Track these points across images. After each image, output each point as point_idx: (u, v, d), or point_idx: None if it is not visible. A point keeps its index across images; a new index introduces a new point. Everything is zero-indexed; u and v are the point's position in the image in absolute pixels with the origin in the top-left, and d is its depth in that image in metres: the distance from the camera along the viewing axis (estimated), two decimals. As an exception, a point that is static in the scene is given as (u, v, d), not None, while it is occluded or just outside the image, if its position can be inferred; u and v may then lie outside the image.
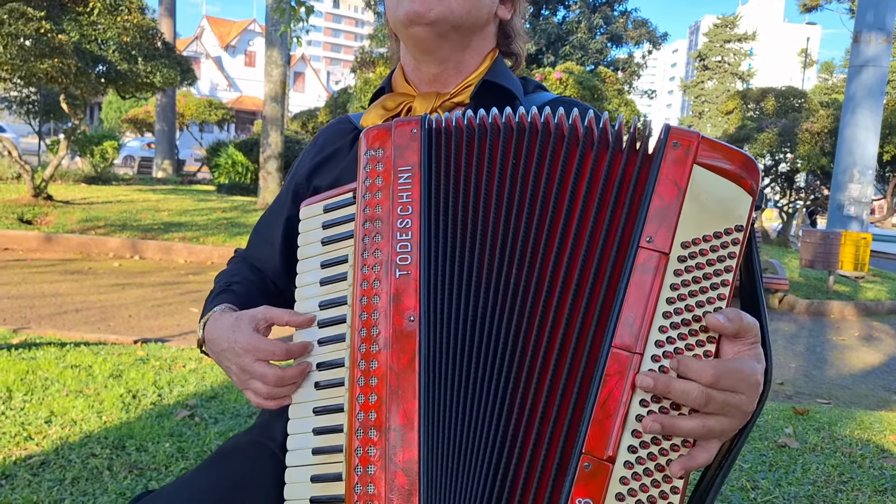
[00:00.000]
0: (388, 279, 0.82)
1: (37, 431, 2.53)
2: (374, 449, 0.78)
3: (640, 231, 0.75)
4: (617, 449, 0.72)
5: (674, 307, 0.74)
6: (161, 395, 3.03)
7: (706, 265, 0.74)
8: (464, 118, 0.85)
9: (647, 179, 0.77)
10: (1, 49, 7.70)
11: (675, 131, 0.78)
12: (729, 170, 0.76)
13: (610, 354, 0.73)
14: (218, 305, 1.01)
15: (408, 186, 0.84)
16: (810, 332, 7.42)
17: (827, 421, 3.51)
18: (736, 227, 0.75)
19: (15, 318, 5.07)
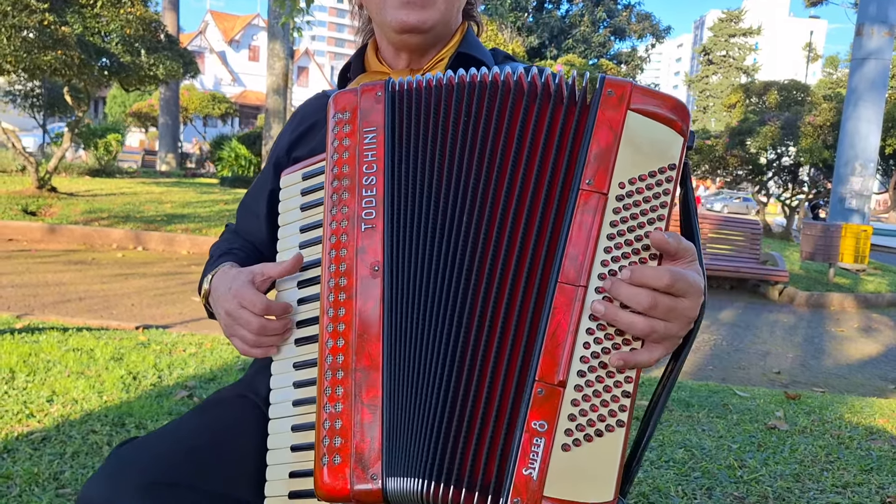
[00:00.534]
0: (354, 233, 0.87)
1: (38, 409, 2.58)
2: (341, 388, 0.84)
3: (581, 174, 0.81)
4: (567, 374, 0.77)
5: (614, 242, 0.79)
6: (161, 377, 3.09)
7: (643, 202, 0.80)
8: (423, 80, 0.90)
9: (585, 126, 0.82)
10: (4, 41, 7.75)
11: (610, 81, 0.83)
12: (661, 114, 0.81)
13: (557, 288, 0.79)
14: (223, 264, 1.07)
15: (373, 146, 0.89)
16: (809, 323, 7.45)
17: (818, 405, 3.56)
18: (669, 165, 0.80)
19: (19, 306, 5.13)
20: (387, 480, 0.80)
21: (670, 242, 0.78)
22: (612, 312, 0.77)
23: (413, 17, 1.04)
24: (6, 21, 7.70)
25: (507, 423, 0.78)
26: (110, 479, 0.92)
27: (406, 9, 1.04)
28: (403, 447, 0.81)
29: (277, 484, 0.91)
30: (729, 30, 55.00)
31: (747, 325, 6.96)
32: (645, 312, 0.77)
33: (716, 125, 45.39)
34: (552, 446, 0.77)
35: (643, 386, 3.57)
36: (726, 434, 3.01)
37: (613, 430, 0.77)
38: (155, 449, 0.95)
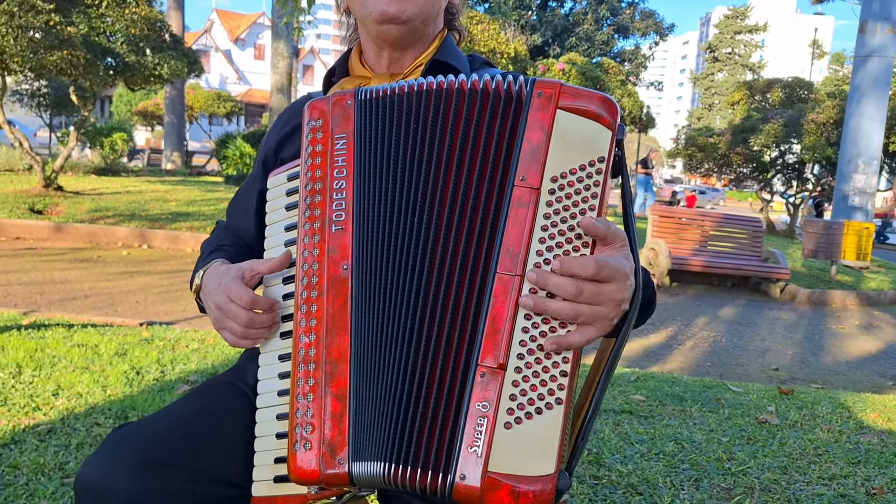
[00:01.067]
0: (325, 234, 0.94)
1: (44, 403, 2.66)
2: (312, 380, 0.90)
3: (515, 172, 0.86)
4: (507, 358, 0.83)
5: (548, 233, 0.85)
6: (164, 372, 3.16)
7: (574, 194, 0.86)
8: (388, 89, 0.96)
9: (518, 127, 0.88)
10: (11, 41, 7.84)
11: (539, 83, 0.89)
12: (588, 110, 0.87)
13: (496, 279, 0.85)
14: (214, 260, 1.13)
15: (343, 152, 0.96)
16: (810, 320, 7.46)
17: (810, 400, 3.60)
18: (598, 158, 0.86)
19: (26, 303, 5.22)
20: (353, 465, 0.87)
21: (599, 227, 0.84)
22: (541, 303, 0.82)
23: (393, 7, 1.10)
24: (12, 21, 7.79)
25: (455, 406, 0.84)
26: (106, 459, 0.98)
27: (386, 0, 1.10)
28: (368, 434, 0.87)
29: (264, 469, 0.97)
30: (735, 27, 54.84)
31: (748, 323, 6.99)
32: (572, 300, 0.82)
33: (721, 122, 45.28)
34: (495, 425, 0.82)
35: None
36: (717, 428, 3.06)
37: (552, 407, 0.82)
38: (149, 431, 1.02)
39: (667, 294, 8.34)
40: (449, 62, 1.18)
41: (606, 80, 11.69)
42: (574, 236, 0.85)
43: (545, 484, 0.81)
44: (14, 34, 7.76)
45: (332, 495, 0.93)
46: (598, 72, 11.62)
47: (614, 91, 11.85)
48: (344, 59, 1.26)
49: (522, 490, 0.81)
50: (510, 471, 0.81)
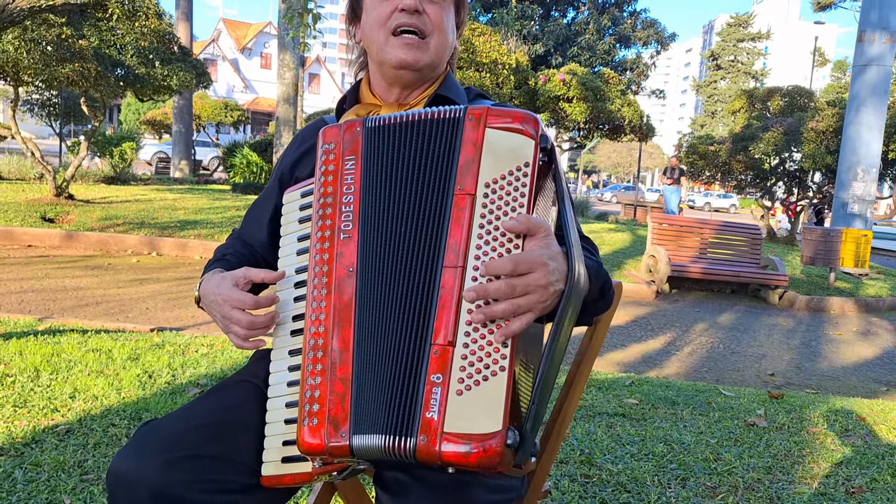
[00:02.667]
0: (334, 241, 1.09)
1: (62, 405, 2.80)
2: (320, 365, 1.05)
3: (454, 181, 1.03)
4: (455, 336, 0.98)
5: (484, 230, 1.00)
6: (175, 376, 3.30)
7: (504, 195, 1.01)
8: (389, 118, 1.12)
9: (455, 146, 1.05)
10: (24, 54, 8.02)
11: (471, 109, 1.06)
12: (512, 126, 1.03)
13: (443, 271, 1.01)
14: (212, 271, 1.27)
15: (352, 171, 1.12)
16: (808, 327, 7.54)
17: (799, 404, 3.71)
18: (524, 163, 1.01)
19: (39, 310, 5.36)
20: (353, 438, 1.01)
21: (517, 225, 0.98)
22: (488, 311, 0.97)
23: (410, 55, 1.28)
24: (25, 35, 7.98)
25: (415, 379, 1.00)
26: (136, 453, 1.10)
27: (405, 49, 1.28)
28: (365, 410, 1.02)
29: (273, 451, 1.11)
30: (738, 34, 54.96)
31: (745, 329, 7.07)
32: (509, 298, 0.97)
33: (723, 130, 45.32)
34: (448, 393, 0.97)
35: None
36: (706, 430, 3.18)
37: (497, 374, 0.97)
38: (175, 425, 1.14)
39: (666, 301, 8.45)
40: (449, 96, 1.35)
41: (607, 89, 11.82)
42: (501, 235, 1.00)
43: (494, 439, 0.95)
44: (27, 47, 7.95)
45: (334, 470, 1.06)
46: (598, 82, 11.76)
47: (614, 100, 11.98)
48: (355, 89, 1.43)
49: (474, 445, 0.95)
50: (463, 430, 0.96)
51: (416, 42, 1.29)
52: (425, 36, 1.30)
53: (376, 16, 1.31)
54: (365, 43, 1.36)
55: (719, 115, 51.43)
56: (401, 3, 1.28)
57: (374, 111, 1.35)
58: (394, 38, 1.29)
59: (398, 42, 1.29)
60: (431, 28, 1.30)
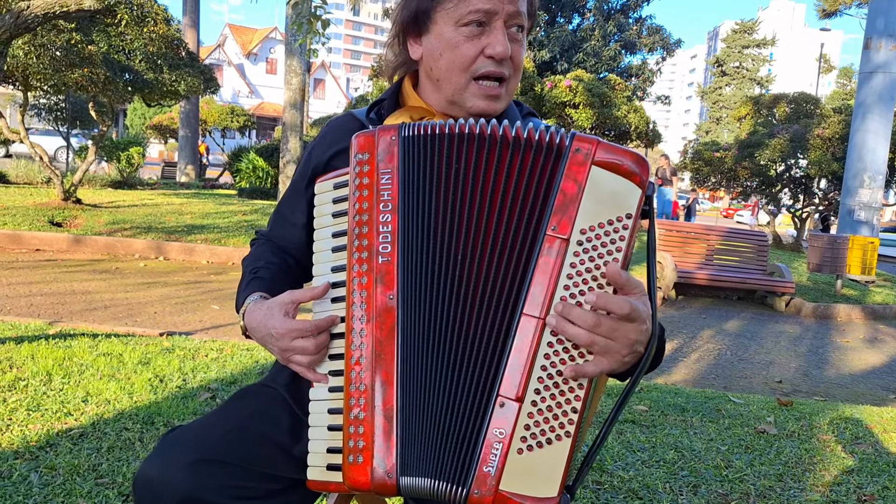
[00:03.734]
0: (373, 265, 1.02)
1: (75, 409, 2.81)
2: (363, 399, 1.01)
3: (547, 222, 0.95)
4: (525, 391, 0.94)
5: (572, 280, 0.94)
6: (185, 380, 3.31)
7: (599, 247, 0.93)
8: (433, 126, 1.04)
9: (554, 178, 0.96)
10: (34, 59, 8.07)
11: (579, 137, 0.97)
12: (622, 167, 0.94)
13: (521, 318, 0.94)
14: (251, 295, 1.21)
15: (388, 186, 1.04)
16: (815, 334, 7.51)
17: (809, 411, 3.71)
18: (626, 215, 0.93)
19: (48, 314, 5.38)
20: (400, 478, 0.98)
21: (622, 276, 0.92)
22: (562, 324, 0.93)
23: (492, 106, 1.21)
24: (35, 41, 8.03)
25: (476, 430, 0.96)
26: (163, 459, 1.10)
27: (487, 101, 1.20)
28: (412, 450, 0.99)
29: (318, 456, 1.07)
30: (743, 41, 54.98)
31: (752, 336, 7.06)
32: (589, 329, 0.92)
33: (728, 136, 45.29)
34: (509, 450, 0.93)
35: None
36: (717, 437, 3.18)
37: (561, 439, 0.93)
38: (200, 432, 1.14)
39: (673, 307, 8.44)
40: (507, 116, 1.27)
41: (613, 95, 11.84)
42: (596, 286, 0.94)
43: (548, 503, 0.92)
44: (36, 53, 8.00)
45: None
46: (604, 88, 11.78)
47: (621, 107, 12.00)
48: (395, 91, 1.31)
49: None
50: (518, 490, 0.93)
51: (498, 92, 1.20)
52: (504, 79, 1.21)
53: (459, 56, 1.18)
54: (433, 73, 1.23)
55: (724, 122, 51.44)
56: (491, 49, 1.17)
57: (428, 117, 1.25)
58: (475, 85, 1.19)
59: (480, 91, 1.19)
60: (512, 71, 1.21)
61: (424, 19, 1.21)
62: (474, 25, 1.17)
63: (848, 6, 31.24)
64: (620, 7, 21.27)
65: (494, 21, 1.17)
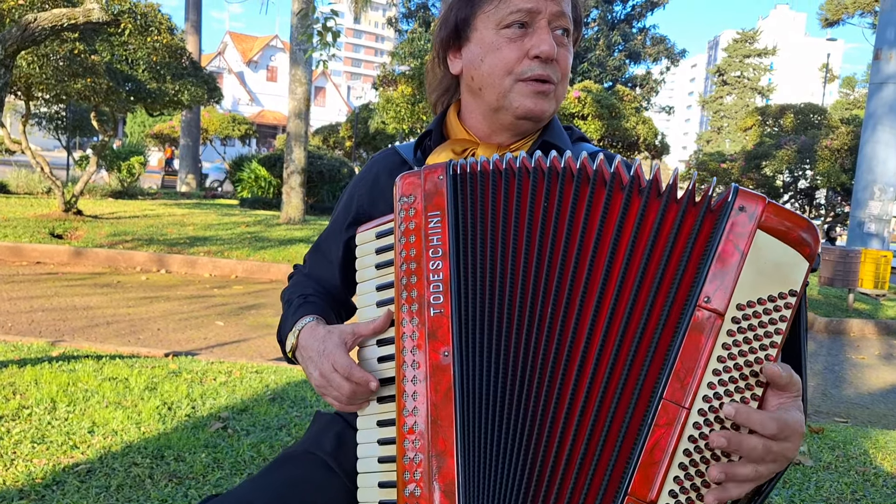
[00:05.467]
0: (423, 318, 0.91)
1: (81, 441, 2.67)
2: (419, 472, 0.88)
3: (699, 290, 0.79)
4: (659, 494, 0.78)
5: (723, 366, 0.78)
6: (195, 408, 3.17)
7: (758, 327, 0.79)
8: (489, 163, 0.93)
9: (710, 240, 0.81)
10: (37, 69, 7.96)
11: (743, 195, 0.82)
12: (792, 235, 0.80)
13: (661, 406, 0.79)
14: (307, 316, 1.10)
15: (437, 230, 0.92)
16: (829, 350, 7.40)
17: (842, 440, 3.57)
18: (790, 291, 0.79)
19: (49, 331, 5.25)
20: None
21: (783, 377, 0.77)
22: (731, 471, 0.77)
23: (539, 106, 1.09)
24: (38, 50, 7.92)
25: None
26: None
27: (535, 98, 1.09)
28: None
29: None
30: (743, 50, 55.07)
31: (767, 352, 6.93)
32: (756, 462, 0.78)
33: (731, 146, 45.27)
34: None
35: None
36: (751, 469, 3.04)
37: None
38: None
39: (684, 322, 8.30)
40: (557, 143, 1.15)
41: (621, 107, 11.75)
42: (750, 373, 0.79)
43: None
44: (39, 62, 7.89)
45: None
46: (613, 99, 11.68)
47: (629, 118, 11.91)
48: (440, 121, 1.22)
49: None
50: None
51: (546, 89, 1.09)
52: (552, 83, 1.10)
53: (502, 59, 1.09)
54: (475, 81, 1.13)
55: (726, 131, 51.47)
56: (536, 49, 1.07)
57: (471, 150, 1.14)
58: (522, 84, 1.09)
59: (527, 89, 1.08)
60: (560, 76, 1.11)
61: (465, 27, 1.13)
62: (516, 27, 1.08)
63: (850, 15, 31.27)
64: (624, 17, 21.23)
65: (538, 21, 1.08)
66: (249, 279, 8.45)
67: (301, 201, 11.84)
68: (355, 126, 19.55)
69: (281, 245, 9.67)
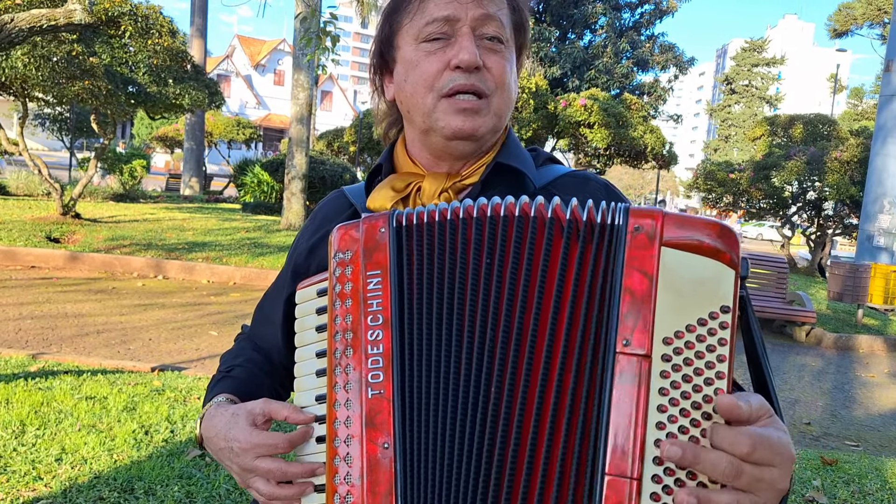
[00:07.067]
0: (360, 400, 0.76)
1: (46, 471, 2.51)
2: None
3: (615, 334, 0.68)
4: None
5: (667, 415, 0.66)
6: (174, 431, 3.01)
7: (695, 359, 0.66)
8: (434, 211, 0.79)
9: (613, 273, 0.69)
10: (34, 70, 7.85)
11: (635, 212, 0.70)
12: (703, 245, 0.68)
13: (606, 484, 0.65)
14: (217, 396, 0.97)
15: (378, 293, 0.78)
16: (838, 367, 7.26)
17: (856, 473, 3.40)
18: (722, 308, 0.67)
19: (37, 340, 5.11)
20: None
21: (742, 407, 0.64)
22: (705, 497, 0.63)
23: (468, 123, 0.95)
24: (35, 51, 7.81)
25: None
26: None
27: (462, 116, 0.95)
28: None
29: None
30: (752, 59, 54.91)
31: (774, 370, 6.77)
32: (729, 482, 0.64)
33: (739, 155, 45.11)
34: None
35: None
36: (760, 506, 2.87)
37: None
38: None
39: (690, 337, 8.16)
40: (514, 165, 1.01)
41: (629, 115, 11.58)
42: (702, 416, 0.66)
43: None
44: (36, 63, 7.77)
45: None
46: (620, 108, 11.53)
47: (637, 127, 11.75)
48: (390, 152, 1.09)
49: None
50: None
51: (475, 105, 0.95)
52: (485, 96, 0.96)
53: (422, 75, 0.96)
54: (403, 105, 1.02)
55: (734, 140, 51.29)
56: (455, 58, 0.94)
57: (415, 183, 1.01)
58: (446, 101, 0.96)
59: (451, 106, 0.95)
60: (493, 86, 0.97)
61: (389, 49, 1.03)
62: (436, 41, 0.96)
63: (859, 26, 31.15)
64: (633, 24, 21.09)
65: (459, 29, 0.95)
66: (247, 286, 8.31)
67: (302, 207, 11.72)
68: (359, 130, 19.45)
69: (280, 251, 9.53)
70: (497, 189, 1.00)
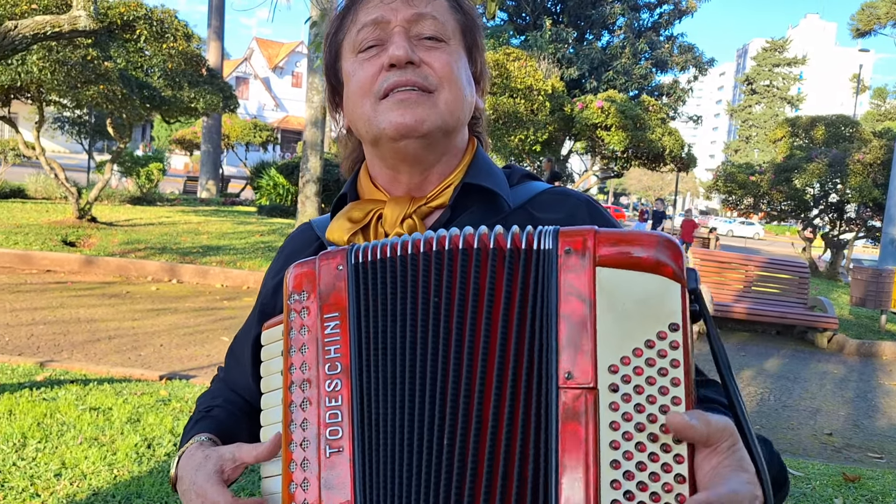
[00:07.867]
0: (317, 459, 0.70)
1: (45, 487, 2.47)
2: None
3: (555, 367, 0.62)
4: None
5: (621, 452, 0.60)
6: (177, 445, 2.96)
7: (646, 385, 0.60)
8: (388, 246, 0.73)
9: (545, 300, 0.64)
10: (49, 75, 7.88)
11: (564, 233, 0.66)
12: (641, 259, 0.63)
13: None
14: (196, 435, 0.91)
15: (335, 338, 0.72)
16: (860, 375, 7.12)
17: (880, 490, 3.28)
18: (670, 326, 0.61)
19: (48, 346, 5.11)
20: None
21: (697, 428, 0.59)
22: None
23: (410, 115, 0.87)
24: (50, 56, 7.84)
25: None
26: None
27: (401, 108, 0.88)
28: None
29: None
30: (773, 59, 54.31)
31: (795, 378, 6.65)
32: None
33: (759, 155, 44.62)
34: None
35: None
36: (779, 527, 2.77)
37: None
38: None
39: (707, 343, 8.03)
40: (485, 185, 0.94)
41: (647, 118, 11.44)
42: (660, 448, 0.60)
43: None
44: (51, 68, 7.80)
45: None
46: (637, 110, 11.38)
47: (655, 129, 11.61)
48: (353, 180, 1.02)
49: None
50: None
51: (416, 97, 0.88)
52: (428, 91, 0.89)
53: (358, 82, 0.91)
54: (352, 123, 0.96)
55: (754, 140, 50.75)
56: (386, 56, 0.89)
57: (375, 210, 0.95)
58: (384, 102, 0.89)
59: (389, 102, 0.88)
60: (436, 81, 0.90)
61: (335, 73, 0.98)
62: (370, 48, 0.92)
63: (883, 25, 30.68)
64: (651, 24, 20.89)
65: (391, 31, 0.91)
66: (257, 291, 8.30)
67: (316, 210, 11.69)
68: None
69: (294, 256, 9.52)
70: (469, 211, 0.93)
